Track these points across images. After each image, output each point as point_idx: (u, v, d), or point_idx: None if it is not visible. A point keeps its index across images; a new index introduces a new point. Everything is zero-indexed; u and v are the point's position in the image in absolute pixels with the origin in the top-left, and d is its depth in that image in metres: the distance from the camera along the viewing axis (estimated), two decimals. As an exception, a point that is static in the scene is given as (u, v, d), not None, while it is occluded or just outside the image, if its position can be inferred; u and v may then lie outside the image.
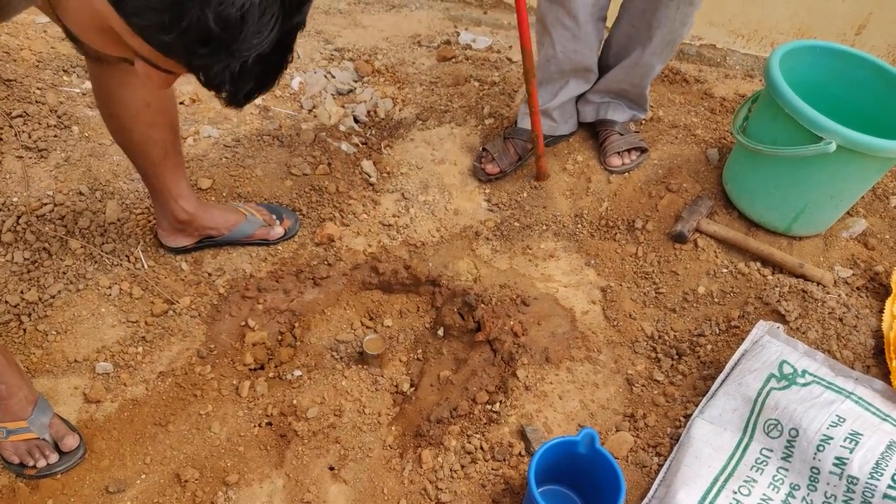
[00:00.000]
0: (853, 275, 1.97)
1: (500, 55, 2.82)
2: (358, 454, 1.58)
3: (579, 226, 2.14)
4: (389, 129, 2.42)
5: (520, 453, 1.59)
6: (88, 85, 2.31)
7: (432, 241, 2.06)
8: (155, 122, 1.59)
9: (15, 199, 1.93)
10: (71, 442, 1.50)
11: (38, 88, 2.19)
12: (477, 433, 1.63)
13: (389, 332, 1.88)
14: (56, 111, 2.16)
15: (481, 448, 1.60)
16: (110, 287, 1.82)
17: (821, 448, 1.43)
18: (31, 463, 1.46)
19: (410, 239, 2.05)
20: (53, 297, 1.77)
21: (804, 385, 1.54)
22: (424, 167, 2.28)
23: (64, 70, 2.33)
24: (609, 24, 2.16)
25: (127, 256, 1.88)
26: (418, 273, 1.93)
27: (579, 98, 2.32)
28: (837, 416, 1.46)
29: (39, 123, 2.11)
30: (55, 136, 2.11)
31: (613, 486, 1.36)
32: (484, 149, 2.30)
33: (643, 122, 2.40)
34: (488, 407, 1.68)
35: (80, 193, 1.98)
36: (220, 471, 1.53)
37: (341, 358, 1.77)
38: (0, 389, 1.47)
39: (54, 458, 1.48)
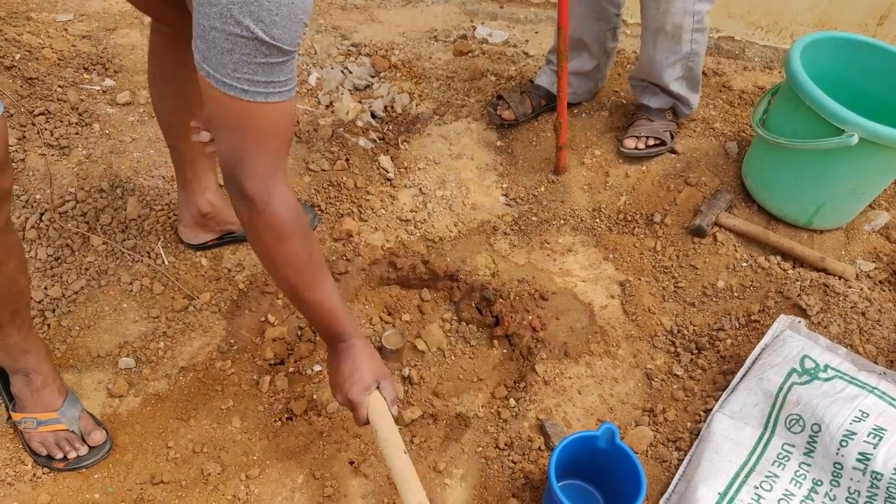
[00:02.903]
0: (876, 268, 1.95)
1: (516, 49, 2.81)
2: (378, 448, 1.59)
3: (597, 220, 2.14)
4: (406, 124, 2.42)
5: (539, 448, 1.60)
6: (109, 82, 2.34)
7: (450, 236, 2.06)
8: None
9: (38, 197, 1.95)
10: (98, 437, 1.52)
11: (59, 86, 2.22)
12: (496, 427, 1.64)
13: (408, 328, 1.88)
14: (77, 109, 2.19)
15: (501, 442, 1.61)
16: (131, 283, 1.84)
17: (844, 443, 1.42)
18: (59, 455, 1.48)
19: (428, 234, 2.05)
20: (76, 293, 1.79)
21: (826, 380, 1.53)
22: (442, 162, 2.28)
23: (84, 68, 2.36)
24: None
25: (148, 252, 1.90)
26: (436, 268, 1.93)
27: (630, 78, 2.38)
28: (861, 411, 1.45)
29: (61, 121, 2.14)
30: (76, 133, 2.14)
31: (634, 480, 1.36)
32: (500, 96, 2.40)
33: (683, 121, 2.37)
34: (507, 401, 1.69)
35: (102, 190, 2.00)
36: (242, 465, 1.54)
37: (360, 353, 1.78)
38: (36, 380, 1.49)
39: (84, 450, 1.50)
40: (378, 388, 1.35)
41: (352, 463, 1.57)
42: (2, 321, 1.38)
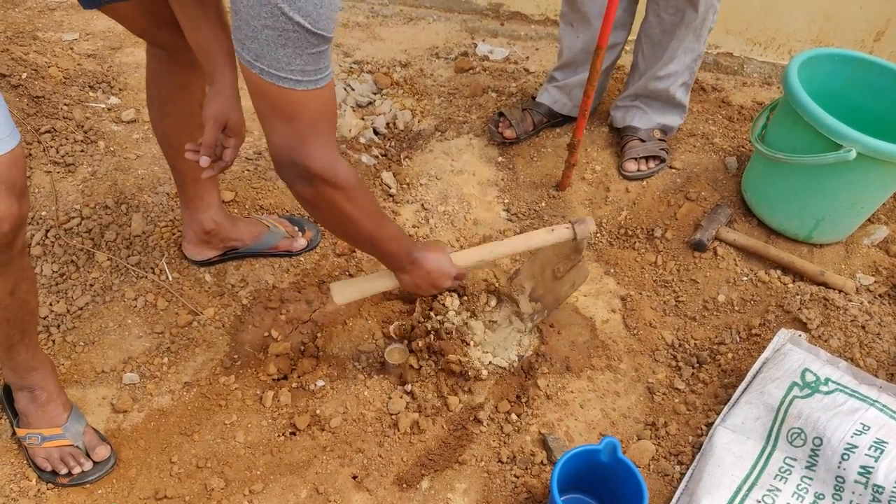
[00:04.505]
0: (875, 282, 1.96)
1: (517, 66, 2.84)
2: (381, 463, 1.60)
3: (598, 235, 2.15)
4: (409, 140, 2.45)
5: (542, 462, 1.60)
6: (114, 100, 2.36)
7: (452, 251, 2.07)
8: None
9: (44, 213, 1.97)
10: (102, 452, 1.52)
11: (65, 104, 2.24)
12: (499, 442, 1.64)
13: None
14: (83, 126, 2.21)
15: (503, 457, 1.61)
16: (136, 299, 1.85)
17: (845, 457, 1.42)
18: (64, 470, 1.49)
19: (430, 249, 2.06)
20: (81, 308, 1.81)
21: (827, 393, 1.54)
22: (443, 178, 2.30)
23: (90, 86, 2.38)
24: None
25: (152, 268, 1.91)
26: (438, 283, 1.94)
27: (612, 103, 2.40)
28: (862, 424, 1.45)
29: (67, 139, 2.16)
30: (82, 150, 2.16)
31: (636, 494, 1.37)
32: (501, 113, 2.41)
33: (683, 136, 2.39)
34: (510, 416, 1.69)
35: (107, 207, 2.02)
36: (246, 480, 1.55)
37: (363, 368, 1.79)
38: (41, 396, 1.50)
39: (88, 465, 1.51)
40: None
41: (355, 478, 1.57)
42: (12, 341, 1.40)
